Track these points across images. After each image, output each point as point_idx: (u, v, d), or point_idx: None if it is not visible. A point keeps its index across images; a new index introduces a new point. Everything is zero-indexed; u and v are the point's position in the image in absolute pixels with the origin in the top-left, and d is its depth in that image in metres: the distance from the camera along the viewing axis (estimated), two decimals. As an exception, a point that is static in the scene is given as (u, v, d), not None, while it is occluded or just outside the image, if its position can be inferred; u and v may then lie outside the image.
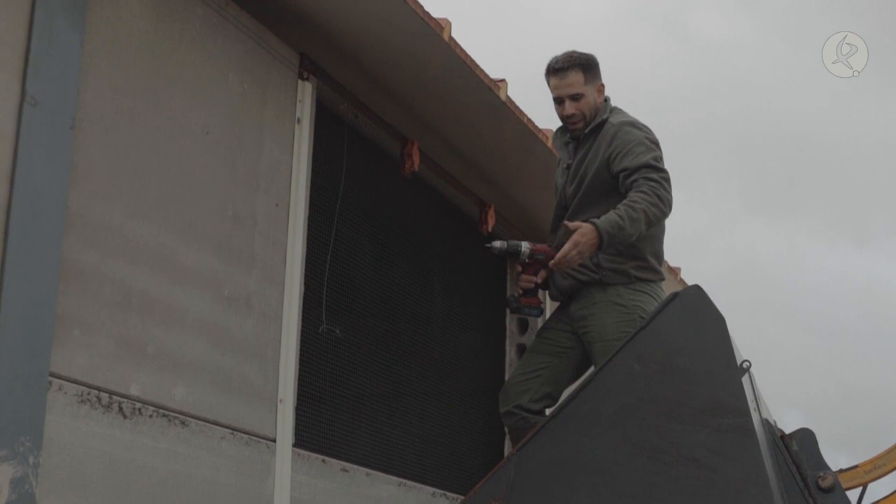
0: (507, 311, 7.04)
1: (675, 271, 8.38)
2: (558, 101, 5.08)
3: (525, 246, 5.03)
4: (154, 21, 4.32)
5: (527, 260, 5.04)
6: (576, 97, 5.04)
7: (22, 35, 3.72)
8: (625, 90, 5.31)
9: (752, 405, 4.53)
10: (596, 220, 4.73)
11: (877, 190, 32.22)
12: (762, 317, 30.33)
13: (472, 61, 5.43)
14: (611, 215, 4.75)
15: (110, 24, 4.11)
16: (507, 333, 7.24)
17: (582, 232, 4.72)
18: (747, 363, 4.46)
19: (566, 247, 4.74)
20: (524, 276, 5.11)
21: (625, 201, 4.79)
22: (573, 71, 5.04)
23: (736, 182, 33.88)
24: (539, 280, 5.09)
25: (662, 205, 4.83)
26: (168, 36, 4.39)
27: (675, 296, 4.50)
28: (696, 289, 4.49)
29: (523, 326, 7.22)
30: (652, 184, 4.82)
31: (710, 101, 33.15)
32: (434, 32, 5.13)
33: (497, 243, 5.07)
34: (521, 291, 5.16)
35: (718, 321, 4.42)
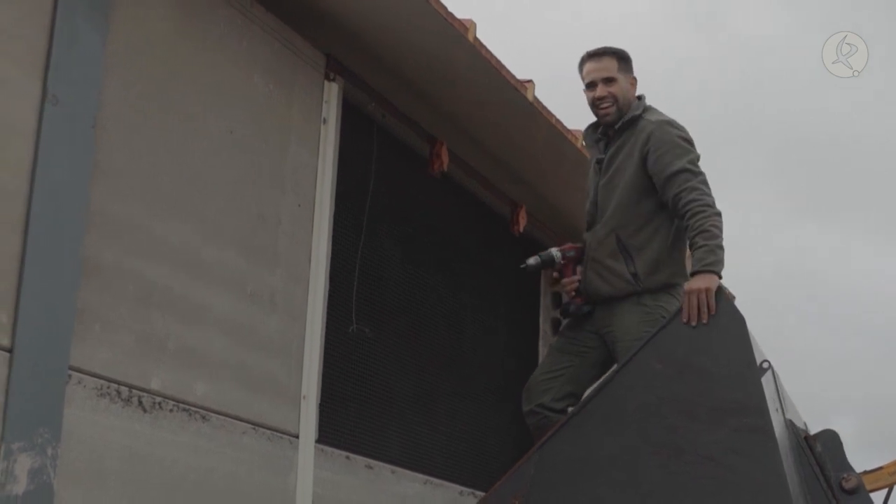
0: (564, 319, 6.96)
1: (711, 273, 8.33)
2: (591, 85, 5.09)
3: (555, 251, 5.12)
4: (177, 22, 4.40)
5: (562, 262, 5.12)
6: (609, 81, 5.05)
7: (43, 35, 3.81)
8: (657, 89, 5.30)
9: (773, 405, 4.53)
10: (698, 267, 4.63)
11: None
12: (811, 320, 30.11)
13: (498, 62, 5.46)
14: (700, 253, 4.65)
15: (133, 25, 4.19)
16: (541, 333, 7.27)
17: (695, 280, 4.56)
18: (766, 363, 4.46)
19: (690, 301, 4.49)
20: (566, 280, 5.16)
21: (693, 227, 4.72)
22: (608, 57, 5.08)
23: (783, 184, 33.64)
24: (580, 277, 5.15)
25: (715, 210, 4.82)
26: (191, 37, 4.47)
27: (695, 296, 4.50)
28: (717, 289, 4.50)
29: (557, 326, 7.22)
30: (695, 195, 4.80)
31: (756, 101, 32.94)
32: (459, 34, 5.17)
33: (531, 260, 5.17)
34: (573, 294, 5.19)
35: (738, 321, 4.42)
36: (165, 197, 4.29)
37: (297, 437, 4.85)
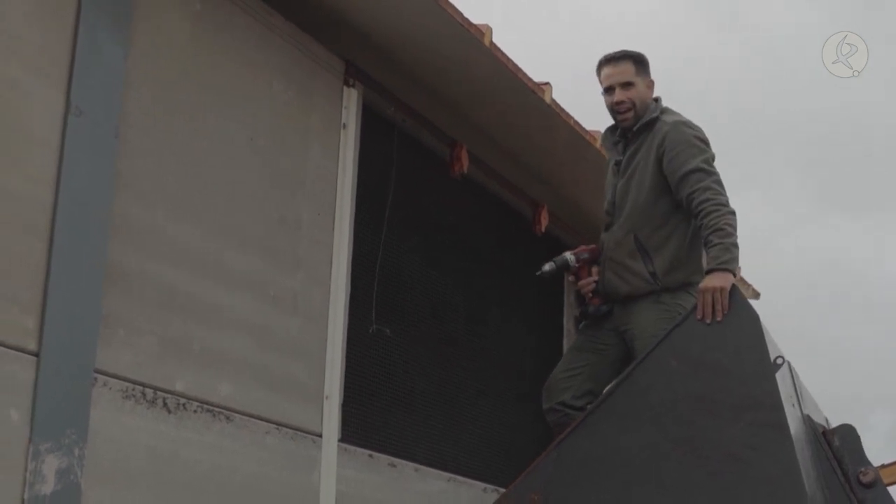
0: (584, 320, 6.99)
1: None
2: (609, 90, 5.15)
3: (569, 255, 5.21)
4: (196, 33, 4.51)
5: (577, 265, 5.19)
6: (626, 85, 5.12)
7: (66, 49, 3.93)
8: (667, 87, 5.34)
9: (789, 401, 4.58)
10: (713, 265, 4.70)
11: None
12: (847, 314, 29.94)
13: (515, 66, 5.54)
14: (714, 251, 4.73)
15: (153, 37, 4.30)
16: (565, 331, 7.33)
17: (710, 278, 4.62)
18: (781, 359, 4.50)
19: (704, 299, 4.55)
20: (582, 282, 5.23)
21: (707, 226, 4.79)
22: (625, 61, 5.14)
23: (812, 179, 33.51)
24: (597, 277, 5.22)
25: (729, 209, 4.88)
26: (210, 47, 4.57)
27: (710, 294, 4.56)
28: (732, 287, 4.56)
29: (579, 324, 7.27)
30: (709, 194, 4.86)
31: (784, 96, 32.85)
32: (475, 38, 5.26)
33: (546, 266, 5.27)
34: (590, 295, 5.27)
35: (752, 319, 4.48)
36: (187, 203, 4.40)
37: (320, 436, 4.95)
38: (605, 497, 4.36)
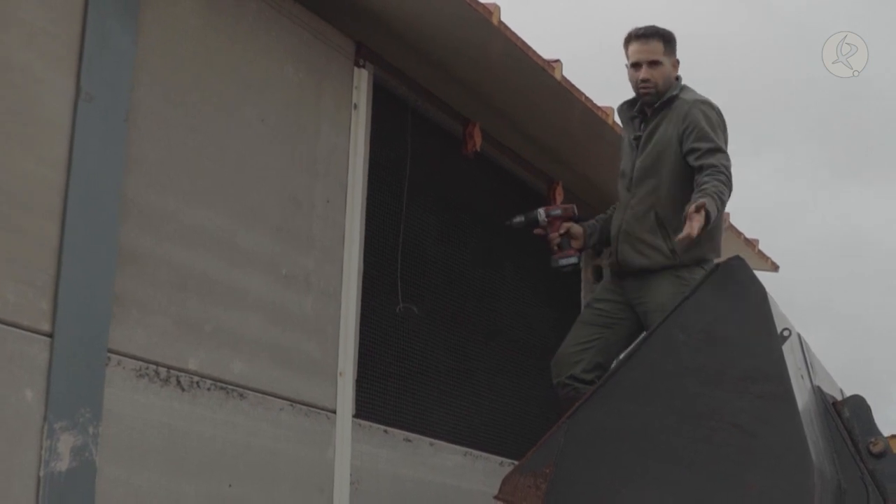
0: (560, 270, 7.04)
1: (752, 243, 8.41)
2: (636, 66, 5.24)
3: (541, 211, 5.43)
4: (206, 17, 4.57)
5: (546, 220, 5.36)
6: (654, 64, 5.22)
7: (76, 35, 4.01)
8: (689, 56, 5.39)
9: (798, 373, 4.62)
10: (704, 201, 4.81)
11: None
12: (868, 285, 29.78)
13: (524, 44, 5.58)
14: (707, 200, 4.82)
15: (163, 22, 4.38)
16: (581, 307, 7.36)
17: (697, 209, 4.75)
18: (788, 331, 4.55)
19: (693, 225, 4.71)
20: (550, 236, 5.40)
21: (709, 187, 4.90)
22: (655, 39, 5.24)
23: (831, 147, 33.31)
24: (563, 231, 5.38)
25: (731, 189, 5.00)
26: (221, 31, 4.64)
27: (717, 267, 4.61)
28: (738, 260, 4.60)
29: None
30: (724, 167, 4.98)
31: (798, 65, 32.65)
32: (483, 18, 5.30)
33: (515, 219, 5.48)
34: (555, 249, 5.43)
35: (759, 291, 4.52)
36: (199, 185, 4.47)
37: (334, 412, 5.02)
38: (615, 469, 4.41)
